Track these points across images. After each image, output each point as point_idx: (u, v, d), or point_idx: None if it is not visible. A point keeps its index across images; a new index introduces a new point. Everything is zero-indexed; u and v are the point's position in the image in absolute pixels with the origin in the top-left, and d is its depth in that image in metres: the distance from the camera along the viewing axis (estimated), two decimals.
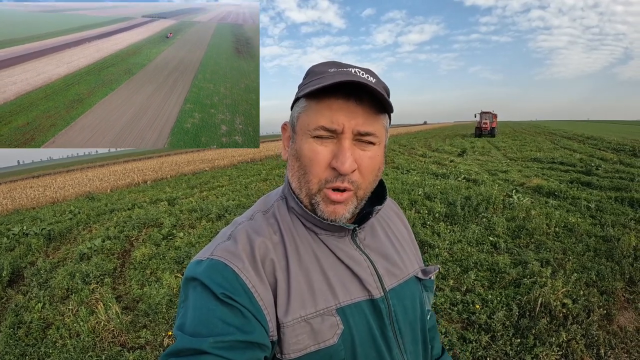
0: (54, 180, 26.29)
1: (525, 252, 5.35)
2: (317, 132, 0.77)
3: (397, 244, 1.00)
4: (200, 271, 0.75)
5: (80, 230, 9.26)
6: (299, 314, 0.76)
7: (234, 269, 0.74)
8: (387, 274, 0.90)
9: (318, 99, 0.77)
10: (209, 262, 0.76)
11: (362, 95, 0.77)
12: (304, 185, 0.81)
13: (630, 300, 4.11)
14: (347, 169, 0.76)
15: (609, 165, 13.06)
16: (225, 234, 0.85)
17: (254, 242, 0.80)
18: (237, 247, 0.78)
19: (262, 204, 0.94)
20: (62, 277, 5.71)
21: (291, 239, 0.84)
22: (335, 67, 0.82)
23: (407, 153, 23.01)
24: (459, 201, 7.84)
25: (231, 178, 17.23)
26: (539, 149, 20.65)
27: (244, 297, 0.72)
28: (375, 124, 0.80)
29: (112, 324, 4.19)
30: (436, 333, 1.17)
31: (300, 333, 0.75)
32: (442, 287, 4.48)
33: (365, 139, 0.79)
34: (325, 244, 0.86)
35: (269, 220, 0.88)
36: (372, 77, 0.81)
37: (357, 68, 0.81)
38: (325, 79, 0.77)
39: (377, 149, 0.83)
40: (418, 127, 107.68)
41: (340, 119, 0.76)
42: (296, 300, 0.77)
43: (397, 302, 0.88)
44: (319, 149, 0.78)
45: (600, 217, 6.87)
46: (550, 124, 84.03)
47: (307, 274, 0.80)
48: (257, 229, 0.84)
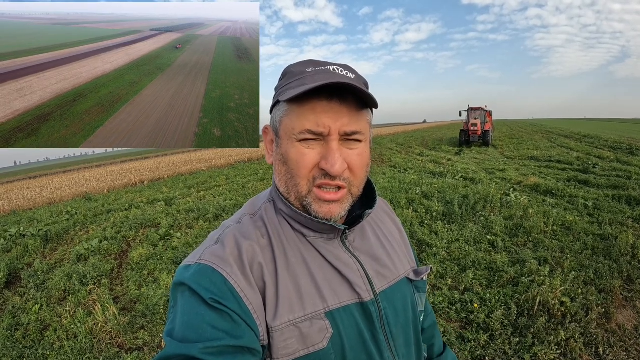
0: (51, 180, 26.21)
1: (523, 250, 5.36)
2: (302, 135, 0.76)
3: (388, 245, 0.99)
4: (188, 276, 0.74)
5: (77, 231, 9.23)
6: (287, 318, 0.75)
7: (222, 273, 0.73)
8: (377, 276, 0.89)
9: (300, 102, 0.76)
10: (197, 266, 0.75)
11: (345, 94, 0.76)
12: (293, 188, 0.80)
13: (629, 298, 4.11)
14: (337, 171, 0.75)
15: (606, 163, 13.08)
16: (213, 237, 0.84)
17: (241, 246, 0.79)
18: (225, 251, 0.78)
19: (249, 207, 0.93)
20: (59, 278, 5.69)
21: (279, 242, 0.83)
22: (312, 65, 0.81)
23: (404, 152, 23.02)
24: (457, 200, 7.84)
25: (228, 178, 17.20)
26: (536, 148, 20.66)
27: (233, 301, 0.71)
28: (360, 121, 0.79)
29: (110, 325, 4.17)
30: (435, 330, 1.16)
31: (289, 337, 0.74)
32: (440, 287, 4.48)
33: (352, 137, 0.78)
34: (313, 247, 0.85)
35: (257, 223, 0.87)
36: (351, 73, 0.81)
37: (335, 65, 0.80)
38: (305, 79, 0.77)
39: (364, 146, 0.82)
40: (417, 125, 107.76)
41: (325, 122, 0.75)
42: (284, 304, 0.76)
43: (388, 305, 0.88)
44: (305, 152, 0.77)
45: (597, 215, 6.88)
46: (547, 123, 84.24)
47: (295, 278, 0.79)
48: (244, 232, 0.83)
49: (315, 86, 0.71)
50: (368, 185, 0.93)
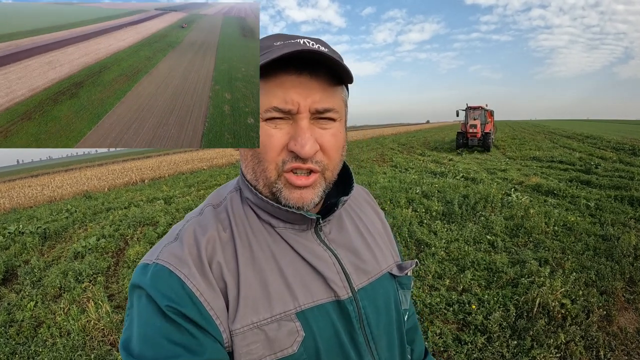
0: (53, 179, 26.20)
1: (524, 251, 5.29)
2: (268, 114, 0.68)
3: (369, 237, 0.90)
4: (145, 280, 0.67)
5: (76, 229, 9.22)
6: (250, 320, 0.68)
7: (180, 276, 0.66)
8: (356, 271, 0.81)
9: (266, 77, 0.68)
10: (154, 268, 0.68)
11: (317, 68, 0.69)
12: (261, 174, 0.73)
13: (631, 300, 4.04)
14: (307, 152, 0.68)
15: (609, 164, 13.01)
16: (173, 232, 0.77)
17: (200, 242, 0.72)
18: (182, 249, 0.70)
19: (214, 197, 0.85)
20: (55, 275, 5.67)
21: (243, 235, 0.76)
22: (281, 39, 0.72)
23: (405, 152, 22.97)
24: (457, 200, 7.79)
25: (229, 177, 17.14)
26: (538, 148, 20.59)
27: (192, 307, 0.65)
28: (334, 97, 0.72)
29: (102, 322, 4.14)
30: (417, 334, 1.08)
31: (252, 342, 0.67)
32: (437, 287, 4.41)
33: (324, 116, 0.71)
34: (283, 239, 0.77)
35: (220, 215, 0.79)
36: (324, 47, 0.72)
37: (305, 38, 0.72)
38: (271, 52, 0.68)
39: (339, 125, 0.75)
40: (419, 126, 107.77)
41: (294, 98, 0.67)
42: (247, 305, 0.68)
43: (368, 303, 0.80)
44: (272, 132, 0.69)
45: (599, 216, 6.81)
46: (550, 123, 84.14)
47: (261, 275, 0.72)
48: (205, 225, 0.76)
49: (281, 55, 0.63)
50: (345, 171, 0.86)
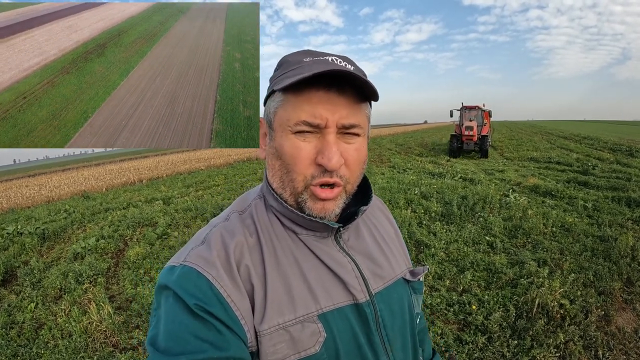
0: (50, 179, 26.11)
1: (522, 252, 5.33)
2: (298, 127, 0.72)
3: (384, 244, 0.95)
4: (173, 279, 0.70)
5: (75, 229, 9.19)
6: (276, 321, 0.71)
7: (208, 277, 0.69)
8: (373, 276, 0.85)
9: (296, 92, 0.72)
10: (182, 269, 0.71)
11: (344, 85, 0.72)
12: (288, 184, 0.76)
13: (629, 300, 4.09)
14: (334, 165, 0.71)
15: (606, 165, 13.08)
16: (200, 236, 0.80)
17: (228, 246, 0.75)
18: (211, 252, 0.73)
19: (239, 204, 0.89)
20: (55, 276, 5.67)
21: (268, 241, 0.79)
22: (310, 55, 0.77)
23: (403, 152, 22.99)
24: (455, 200, 7.82)
25: (227, 177, 17.17)
26: (535, 149, 20.66)
27: (219, 307, 0.67)
28: (359, 114, 0.76)
29: (105, 324, 4.14)
30: (426, 335, 1.12)
31: (278, 342, 0.70)
32: (438, 288, 4.44)
33: (349, 131, 0.75)
34: (306, 245, 0.80)
35: (245, 221, 0.82)
36: (350, 65, 0.76)
37: (333, 56, 0.76)
38: (302, 68, 0.72)
39: (362, 140, 0.79)
40: (417, 126, 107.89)
41: (322, 113, 0.71)
42: (273, 307, 0.72)
43: (384, 307, 0.83)
44: (301, 145, 0.73)
45: (597, 216, 6.86)
46: (547, 124, 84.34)
47: (285, 279, 0.75)
48: (232, 231, 0.79)
49: (313, 74, 0.67)
50: (363, 181, 0.89)
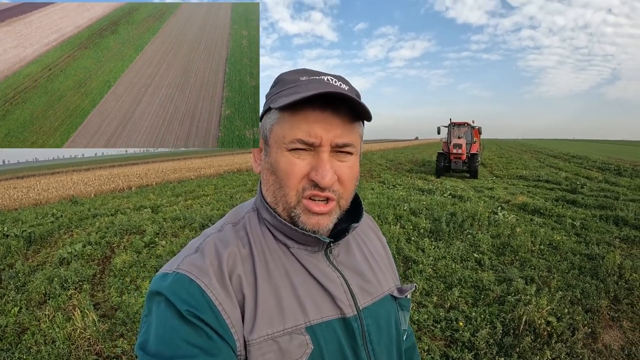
0: (38, 182, 25.83)
1: (510, 269, 5.36)
2: (293, 145, 0.74)
3: (373, 261, 0.97)
4: (165, 286, 0.71)
5: (62, 234, 9.09)
6: (265, 331, 0.72)
7: (200, 284, 0.70)
8: (361, 292, 0.86)
9: (293, 111, 0.75)
10: (174, 276, 0.72)
11: (339, 105, 0.75)
12: (281, 199, 0.78)
13: (615, 318, 4.12)
14: (327, 182, 0.74)
15: (594, 183, 13.26)
16: (193, 246, 0.81)
17: (221, 256, 0.76)
18: (204, 261, 0.74)
19: (233, 216, 0.90)
20: (40, 281, 5.59)
21: (260, 253, 0.80)
22: (306, 75, 0.80)
23: (393, 168, 23.08)
24: (444, 217, 7.86)
25: (217, 187, 17.09)
26: (525, 167, 20.90)
27: (210, 314, 0.68)
28: (352, 133, 0.78)
29: (89, 331, 4.07)
30: (415, 352, 1.14)
31: (267, 352, 0.71)
32: (425, 304, 4.44)
33: (343, 150, 0.77)
34: (296, 259, 0.82)
35: (239, 232, 0.84)
36: (345, 85, 0.79)
37: (329, 75, 0.79)
38: (298, 87, 0.76)
39: (355, 159, 0.81)
40: (408, 142, 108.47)
41: (317, 132, 0.73)
42: (263, 317, 0.73)
43: (371, 322, 0.85)
44: (295, 162, 0.75)
45: (585, 235, 6.95)
46: (537, 143, 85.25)
47: (276, 290, 0.77)
48: (225, 241, 0.80)
49: (311, 95, 0.69)
50: (355, 199, 0.91)
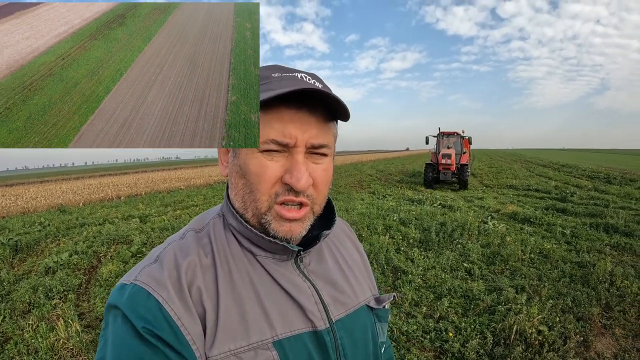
0: (27, 190, 25.56)
1: (500, 278, 5.34)
2: (266, 145, 0.69)
3: (348, 269, 0.91)
4: (123, 300, 0.66)
5: (49, 243, 8.94)
6: (227, 347, 0.66)
7: (158, 298, 0.65)
8: (334, 303, 0.81)
9: (265, 109, 0.68)
10: (132, 288, 0.67)
11: (315, 104, 0.70)
12: (251, 204, 0.73)
13: (607, 325, 4.11)
14: (303, 186, 0.69)
15: (584, 192, 13.37)
16: (153, 254, 0.75)
17: (180, 266, 0.71)
18: (162, 272, 0.69)
19: (197, 222, 0.84)
20: (25, 290, 5.48)
21: (224, 262, 0.75)
22: (279, 71, 0.74)
23: (384, 179, 23.09)
24: (434, 227, 7.85)
25: (206, 198, 16.92)
26: (514, 177, 21.03)
27: (169, 331, 0.63)
28: (327, 134, 0.74)
29: (72, 342, 3.99)
30: None
31: None
32: (414, 314, 4.40)
33: (318, 151, 0.73)
34: (263, 268, 0.76)
35: (201, 240, 0.78)
36: (319, 83, 0.74)
37: (302, 73, 0.74)
38: (271, 84, 0.70)
39: (329, 161, 0.76)
40: (399, 153, 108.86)
41: (292, 132, 0.68)
42: (225, 332, 0.67)
43: (345, 335, 0.79)
44: (267, 164, 0.70)
45: (575, 243, 6.98)
46: (527, 152, 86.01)
47: (240, 302, 0.71)
48: (186, 250, 0.75)
49: (287, 91, 0.64)
50: (327, 204, 0.86)
